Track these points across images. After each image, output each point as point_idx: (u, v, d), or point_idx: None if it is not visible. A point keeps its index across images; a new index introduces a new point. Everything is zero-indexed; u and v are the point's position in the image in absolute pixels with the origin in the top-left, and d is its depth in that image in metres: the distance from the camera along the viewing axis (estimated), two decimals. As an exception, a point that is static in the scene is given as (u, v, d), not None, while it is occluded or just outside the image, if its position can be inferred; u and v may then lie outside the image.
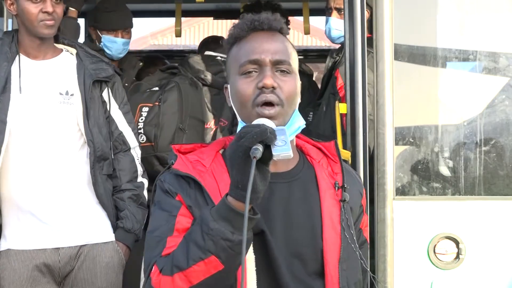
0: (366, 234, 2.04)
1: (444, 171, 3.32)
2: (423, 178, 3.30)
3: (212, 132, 4.08)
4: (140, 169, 3.30)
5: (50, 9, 3.03)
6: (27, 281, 3.05)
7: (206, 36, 5.31)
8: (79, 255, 3.10)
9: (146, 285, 1.78)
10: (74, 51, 3.23)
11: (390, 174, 3.14)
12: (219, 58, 4.21)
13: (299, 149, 1.98)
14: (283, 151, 1.65)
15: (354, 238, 1.92)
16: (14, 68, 3.08)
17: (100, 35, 4.18)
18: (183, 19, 5.75)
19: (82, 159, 3.12)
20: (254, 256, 1.80)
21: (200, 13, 6.87)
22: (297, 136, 1.96)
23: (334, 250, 1.87)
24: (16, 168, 3.05)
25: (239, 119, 1.87)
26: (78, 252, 3.10)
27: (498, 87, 3.39)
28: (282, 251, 1.83)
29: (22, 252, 3.07)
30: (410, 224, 3.15)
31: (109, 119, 3.21)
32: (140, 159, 3.32)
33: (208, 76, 4.12)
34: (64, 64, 3.17)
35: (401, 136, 3.30)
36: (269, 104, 1.81)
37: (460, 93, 3.43)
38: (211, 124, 4.05)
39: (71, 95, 3.12)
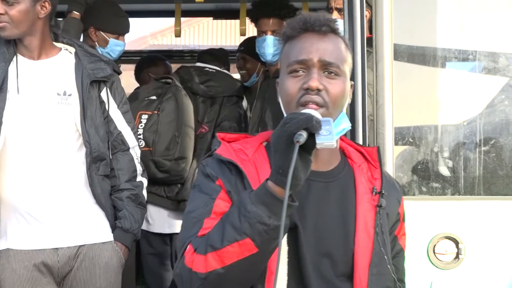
0: (403, 243, 2.05)
1: (444, 171, 3.32)
2: (423, 178, 3.30)
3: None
4: (139, 168, 3.30)
5: None
6: (28, 282, 3.05)
7: (205, 36, 5.44)
8: (78, 255, 3.10)
9: (180, 263, 1.80)
10: (73, 49, 3.22)
11: (390, 174, 3.14)
12: (207, 69, 4.56)
13: (341, 151, 2.00)
14: (327, 140, 1.68)
15: (388, 244, 1.93)
16: (12, 68, 3.08)
17: (107, 38, 4.20)
18: (182, 19, 5.76)
19: (80, 160, 3.12)
20: (287, 248, 1.82)
21: (200, 13, 6.88)
22: (341, 139, 1.99)
23: (366, 254, 1.88)
24: (13, 169, 3.05)
25: (285, 115, 1.89)
26: (77, 252, 3.10)
27: (498, 87, 3.39)
28: (311, 249, 1.85)
29: (21, 252, 3.06)
30: (409, 224, 3.13)
31: (107, 119, 3.21)
32: (139, 158, 3.32)
33: (195, 86, 4.56)
34: (62, 64, 3.17)
35: (401, 136, 3.29)
36: (314, 104, 1.83)
37: (459, 93, 3.43)
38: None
39: (68, 95, 3.11)
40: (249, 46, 4.96)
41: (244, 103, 4.82)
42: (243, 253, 1.71)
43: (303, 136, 1.64)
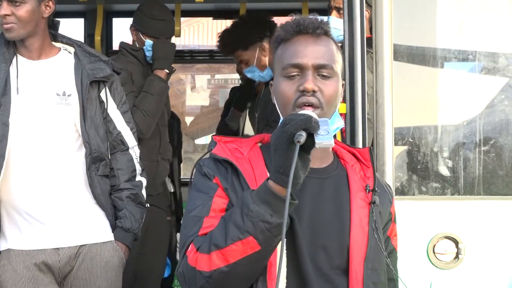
0: (395, 243, 2.09)
1: (444, 171, 3.32)
2: (423, 178, 3.30)
3: None
4: (138, 168, 3.29)
5: (2, 12, 3.02)
6: (29, 282, 3.05)
7: (205, 36, 5.40)
8: (79, 255, 3.10)
9: (182, 262, 1.84)
10: (72, 49, 3.22)
11: (390, 174, 3.14)
12: None
13: (333, 152, 2.04)
14: (326, 139, 1.73)
15: (382, 240, 1.97)
16: (12, 69, 3.08)
17: (143, 39, 4.21)
18: (182, 19, 5.75)
19: (80, 160, 3.11)
20: (285, 239, 1.85)
21: (200, 13, 6.88)
22: None
23: (361, 249, 1.92)
24: (14, 170, 3.04)
25: (281, 116, 1.94)
26: (77, 252, 3.10)
27: (498, 87, 3.40)
28: (307, 241, 1.89)
29: (22, 252, 3.06)
30: (409, 224, 3.14)
31: (106, 119, 3.21)
32: (139, 158, 3.32)
33: None
34: (61, 64, 3.16)
35: (401, 136, 3.30)
36: (310, 106, 1.88)
37: (459, 93, 3.44)
38: None
39: (68, 95, 3.10)
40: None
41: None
42: (246, 251, 1.76)
43: (303, 136, 1.69)
